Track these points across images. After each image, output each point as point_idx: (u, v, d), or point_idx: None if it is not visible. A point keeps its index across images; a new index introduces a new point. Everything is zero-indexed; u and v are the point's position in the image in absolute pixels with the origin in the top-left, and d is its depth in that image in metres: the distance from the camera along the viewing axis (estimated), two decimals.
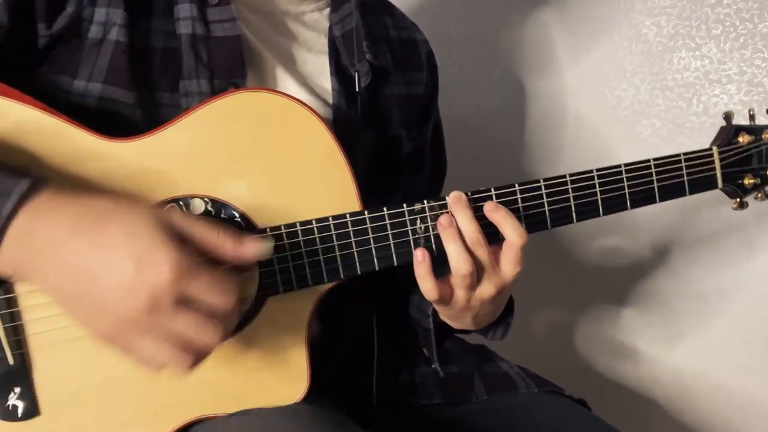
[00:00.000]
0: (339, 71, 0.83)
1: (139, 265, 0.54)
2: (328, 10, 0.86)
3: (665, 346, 1.22)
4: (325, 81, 0.83)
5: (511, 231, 0.71)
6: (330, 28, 0.85)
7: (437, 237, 0.73)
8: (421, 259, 0.71)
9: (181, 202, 0.68)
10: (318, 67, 0.84)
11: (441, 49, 1.01)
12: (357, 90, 0.83)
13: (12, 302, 0.64)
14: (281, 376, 0.72)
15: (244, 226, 0.69)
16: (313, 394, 0.74)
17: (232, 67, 0.74)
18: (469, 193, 0.73)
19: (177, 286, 0.54)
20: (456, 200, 0.72)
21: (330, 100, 0.82)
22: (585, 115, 1.21)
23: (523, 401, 0.88)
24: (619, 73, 1.16)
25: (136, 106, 0.71)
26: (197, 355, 0.57)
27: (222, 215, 0.69)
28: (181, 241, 0.56)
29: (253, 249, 0.59)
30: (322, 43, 0.85)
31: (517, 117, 1.28)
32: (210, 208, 0.69)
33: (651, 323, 1.23)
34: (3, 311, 0.64)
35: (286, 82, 0.80)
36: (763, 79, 1.04)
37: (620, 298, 1.25)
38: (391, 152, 0.91)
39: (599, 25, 1.16)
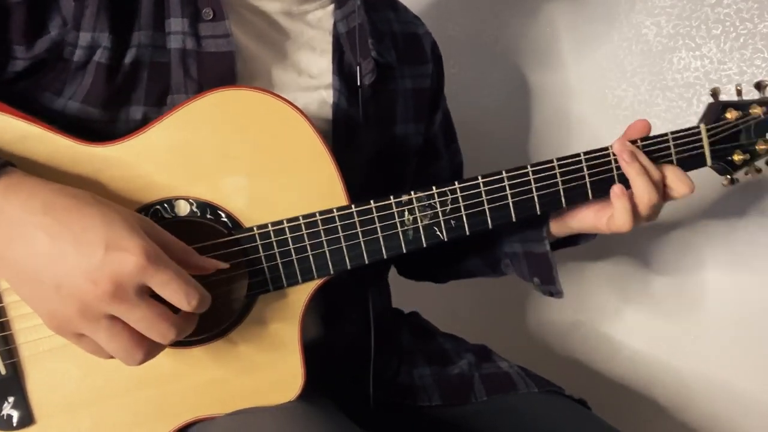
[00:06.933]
0: (341, 69, 0.82)
1: (108, 249, 0.54)
2: (331, 6, 0.85)
3: (665, 346, 1.22)
4: (328, 80, 0.82)
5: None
6: (334, 25, 0.84)
7: (425, 228, 0.74)
8: (620, 193, 0.77)
9: (165, 204, 0.67)
10: (321, 66, 0.83)
11: (441, 50, 1.01)
12: (359, 84, 0.82)
13: (1, 312, 0.64)
14: (275, 375, 0.72)
15: (231, 225, 0.69)
16: (311, 394, 0.74)
17: (222, 81, 0.72)
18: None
19: (141, 275, 0.54)
20: (626, 147, 0.78)
21: (332, 99, 0.81)
22: (585, 115, 1.20)
23: (523, 401, 0.88)
24: (619, 73, 1.15)
25: (113, 122, 0.71)
26: (148, 351, 0.58)
27: (208, 216, 0.68)
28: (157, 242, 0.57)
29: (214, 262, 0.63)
30: (327, 41, 0.84)
31: (517, 117, 1.28)
32: (195, 209, 0.68)
33: (651, 323, 1.23)
34: None
35: (286, 85, 0.79)
36: (763, 79, 1.03)
37: (620, 297, 1.25)
38: (396, 149, 0.90)
39: (599, 25, 1.16)
